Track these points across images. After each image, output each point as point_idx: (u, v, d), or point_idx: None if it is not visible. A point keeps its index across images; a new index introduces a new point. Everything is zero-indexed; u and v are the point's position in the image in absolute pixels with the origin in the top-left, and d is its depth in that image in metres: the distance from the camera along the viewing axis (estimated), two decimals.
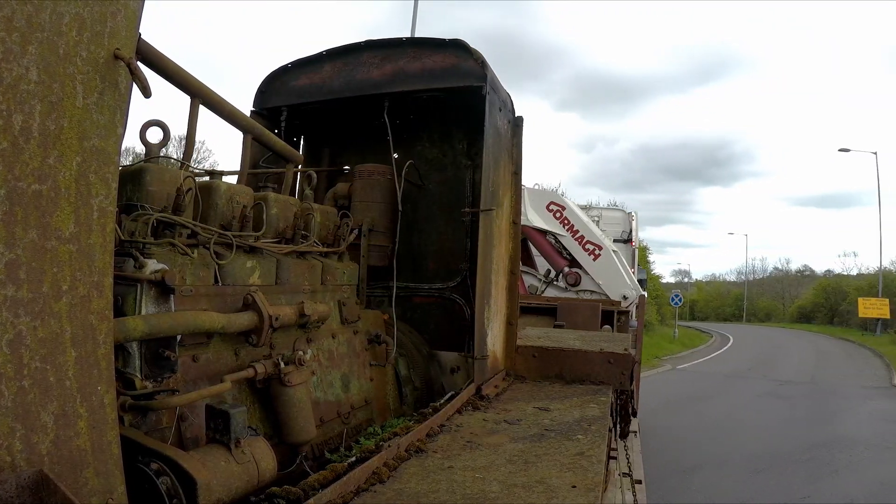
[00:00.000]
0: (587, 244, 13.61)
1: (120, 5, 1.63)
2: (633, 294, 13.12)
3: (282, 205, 3.28)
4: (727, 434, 13.58)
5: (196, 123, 2.80)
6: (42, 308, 1.43)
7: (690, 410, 16.38)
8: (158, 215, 2.40)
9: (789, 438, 13.28)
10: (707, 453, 11.98)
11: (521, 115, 4.94)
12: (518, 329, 5.01)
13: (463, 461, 2.69)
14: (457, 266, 4.71)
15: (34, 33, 1.38)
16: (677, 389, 20.06)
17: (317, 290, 3.42)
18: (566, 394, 4.30)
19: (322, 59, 4.64)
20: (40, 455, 1.40)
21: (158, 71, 2.50)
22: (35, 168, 1.40)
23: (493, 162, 4.27)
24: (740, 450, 12.26)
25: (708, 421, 15.04)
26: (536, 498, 2.27)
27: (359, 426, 3.55)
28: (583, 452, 2.87)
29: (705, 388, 20.28)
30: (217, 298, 2.64)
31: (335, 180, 4.87)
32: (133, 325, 2.01)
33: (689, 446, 12.47)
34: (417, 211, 4.80)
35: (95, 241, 1.58)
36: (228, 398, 2.55)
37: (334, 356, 3.48)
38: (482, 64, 4.20)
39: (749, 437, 13.30)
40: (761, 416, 15.64)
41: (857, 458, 11.90)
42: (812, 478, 10.63)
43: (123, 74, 1.66)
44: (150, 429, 2.18)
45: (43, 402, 1.42)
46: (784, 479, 10.52)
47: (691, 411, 16.26)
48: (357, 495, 2.26)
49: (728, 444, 12.73)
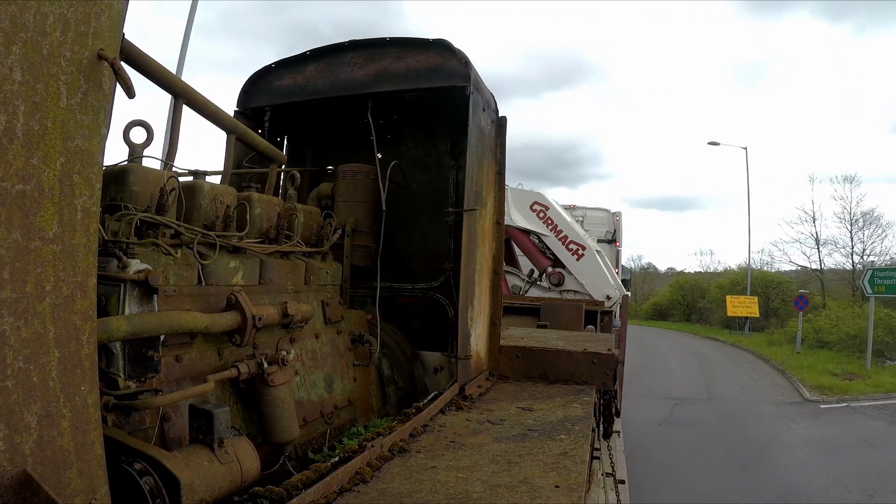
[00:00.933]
0: (570, 244, 13.69)
1: (104, 6, 1.63)
2: (617, 294, 13.20)
3: (265, 205, 3.28)
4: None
5: (180, 123, 2.79)
6: (26, 308, 1.42)
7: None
8: (142, 215, 2.40)
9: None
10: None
11: (505, 115, 4.96)
12: (501, 329, 5.03)
13: (446, 461, 2.71)
14: (440, 266, 4.72)
15: (18, 33, 1.38)
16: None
17: (300, 290, 3.42)
18: (549, 394, 4.33)
19: (306, 59, 4.64)
20: (23, 455, 1.40)
21: (142, 71, 2.50)
22: (19, 168, 1.40)
23: (477, 162, 4.29)
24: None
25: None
26: (520, 498, 2.29)
27: (342, 426, 3.56)
28: (566, 452, 2.89)
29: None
30: (200, 298, 2.64)
31: (319, 180, 4.87)
32: (116, 326, 2.01)
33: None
34: (401, 211, 4.80)
35: (79, 241, 1.58)
36: (212, 398, 2.55)
37: (317, 356, 3.49)
38: (466, 64, 4.21)
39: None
40: (679, 462, 11.41)
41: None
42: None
43: (107, 75, 1.66)
44: (133, 429, 2.18)
45: (26, 402, 1.42)
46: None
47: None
48: (340, 495, 2.27)
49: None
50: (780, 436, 13.67)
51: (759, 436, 13.56)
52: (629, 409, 13.53)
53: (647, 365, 23.52)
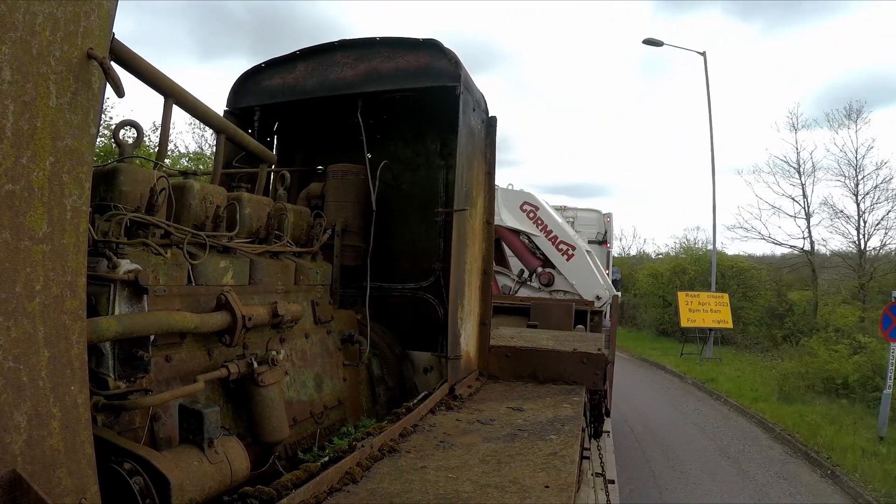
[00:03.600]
0: (560, 244, 13.72)
1: (94, 5, 1.63)
2: (607, 294, 13.24)
3: (255, 205, 3.28)
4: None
5: (169, 123, 2.79)
6: (15, 308, 1.42)
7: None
8: (132, 215, 2.39)
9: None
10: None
11: (495, 115, 4.97)
12: (491, 329, 5.05)
13: (436, 461, 2.71)
14: (430, 266, 4.72)
15: (7, 33, 1.38)
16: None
17: (290, 290, 3.42)
18: (539, 394, 4.34)
19: (295, 58, 4.63)
20: (13, 455, 1.40)
21: (132, 71, 2.49)
22: (8, 168, 1.40)
23: (467, 162, 4.30)
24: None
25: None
26: (510, 498, 2.30)
27: (332, 426, 3.56)
28: (556, 452, 2.90)
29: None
30: (190, 298, 2.64)
31: (309, 180, 4.87)
32: (106, 326, 2.01)
33: None
34: (391, 211, 4.81)
35: (69, 241, 1.58)
36: (201, 398, 2.55)
37: (307, 356, 3.49)
38: (456, 64, 4.22)
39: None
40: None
41: None
42: None
43: (97, 74, 1.66)
44: (123, 429, 2.18)
45: (16, 402, 1.42)
46: None
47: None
48: (330, 495, 2.27)
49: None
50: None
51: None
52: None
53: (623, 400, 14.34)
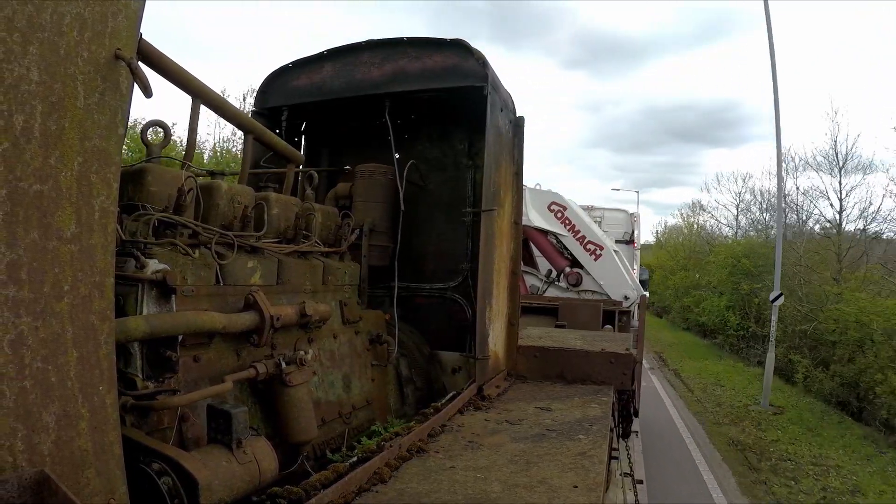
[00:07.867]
0: (588, 244, 13.60)
1: (121, 5, 1.63)
2: (635, 294, 13.11)
3: (283, 205, 3.28)
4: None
5: (197, 123, 2.80)
6: (43, 308, 1.42)
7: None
8: (160, 215, 2.40)
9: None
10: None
11: (523, 115, 4.93)
12: (519, 329, 5.01)
13: (464, 461, 2.69)
14: (458, 266, 4.70)
15: (35, 33, 1.38)
16: None
17: (318, 290, 3.42)
18: (567, 394, 4.30)
19: (322, 58, 4.64)
20: (42, 455, 1.40)
21: (159, 71, 2.50)
22: (36, 168, 1.40)
23: (494, 162, 4.27)
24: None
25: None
26: (538, 498, 2.27)
27: (360, 426, 3.55)
28: (584, 452, 2.86)
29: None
30: (218, 298, 2.64)
31: (336, 180, 4.87)
32: (134, 326, 2.01)
33: None
34: (418, 211, 4.79)
35: (97, 241, 1.58)
36: (230, 398, 2.55)
37: (335, 356, 3.48)
38: (483, 64, 4.19)
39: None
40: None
41: None
42: None
43: (124, 75, 1.66)
44: (151, 429, 2.18)
45: (44, 403, 1.42)
46: None
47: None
48: (359, 495, 2.26)
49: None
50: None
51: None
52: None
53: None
